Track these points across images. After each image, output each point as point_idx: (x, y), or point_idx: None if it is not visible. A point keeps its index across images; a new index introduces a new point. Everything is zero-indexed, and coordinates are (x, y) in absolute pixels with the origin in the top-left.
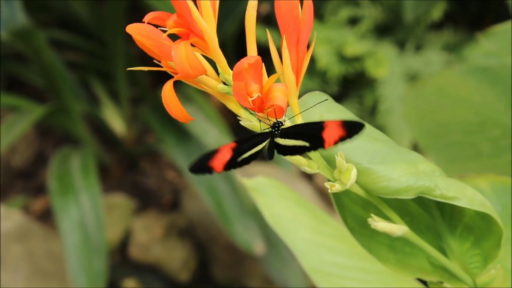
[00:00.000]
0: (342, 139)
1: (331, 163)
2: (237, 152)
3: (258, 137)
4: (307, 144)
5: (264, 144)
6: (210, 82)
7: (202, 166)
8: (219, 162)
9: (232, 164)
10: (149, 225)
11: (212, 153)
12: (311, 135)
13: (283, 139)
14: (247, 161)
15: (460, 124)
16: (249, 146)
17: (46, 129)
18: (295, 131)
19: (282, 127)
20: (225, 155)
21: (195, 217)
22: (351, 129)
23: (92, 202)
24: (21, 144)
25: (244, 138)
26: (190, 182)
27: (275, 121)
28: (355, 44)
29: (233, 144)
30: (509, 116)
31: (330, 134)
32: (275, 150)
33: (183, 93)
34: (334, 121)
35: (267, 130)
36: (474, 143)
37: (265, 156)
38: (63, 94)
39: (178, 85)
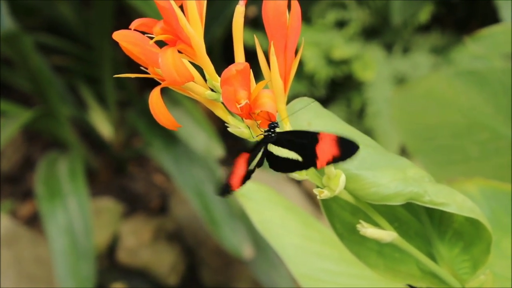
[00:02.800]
0: (335, 159)
1: (319, 169)
2: (249, 162)
3: (262, 144)
4: (299, 159)
5: (260, 154)
6: (198, 89)
7: (226, 187)
8: (237, 178)
9: (247, 177)
10: (137, 229)
11: (231, 171)
12: (305, 147)
13: (277, 147)
14: (254, 170)
15: (448, 127)
16: (255, 154)
17: (33, 134)
18: (290, 138)
19: (277, 130)
20: (241, 169)
21: (183, 221)
22: (346, 150)
23: (79, 206)
24: (9, 149)
25: (253, 147)
26: (178, 186)
27: (271, 122)
28: (342, 47)
29: (246, 155)
30: (497, 119)
31: (324, 149)
32: (267, 162)
33: (170, 97)
34: (329, 135)
35: (264, 134)
36: (462, 147)
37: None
38: (50, 98)
39: (165, 89)
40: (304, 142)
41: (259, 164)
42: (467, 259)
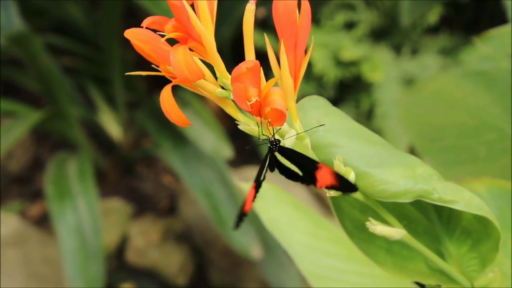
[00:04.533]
0: (333, 187)
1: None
2: (258, 187)
3: (264, 163)
4: (300, 174)
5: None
6: (208, 87)
7: (241, 218)
8: (249, 203)
9: (257, 190)
10: (146, 230)
11: (244, 203)
12: (305, 169)
13: (280, 156)
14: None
15: (456, 127)
16: (263, 167)
17: (42, 134)
18: (291, 155)
19: (280, 144)
20: (251, 195)
21: (192, 222)
22: (344, 185)
23: (89, 207)
24: (18, 149)
25: (258, 173)
26: (186, 187)
27: (272, 139)
28: (351, 48)
29: (254, 184)
30: (505, 120)
31: (323, 176)
32: (276, 167)
33: (179, 98)
34: (328, 168)
35: (264, 138)
36: (470, 147)
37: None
38: (59, 99)
39: (174, 89)
40: (305, 164)
41: (271, 169)
42: (475, 256)
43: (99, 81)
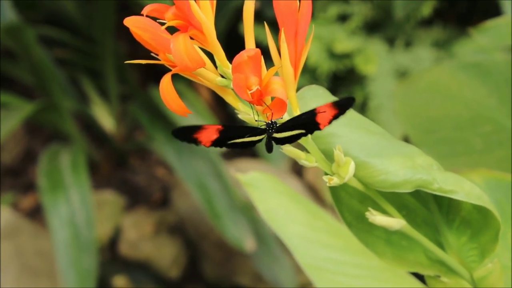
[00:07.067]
0: (335, 116)
1: (329, 156)
2: (223, 135)
3: (249, 130)
4: (303, 131)
5: (258, 138)
6: (209, 75)
7: (187, 135)
8: (205, 138)
9: (220, 143)
10: (139, 222)
11: (197, 128)
12: (306, 124)
13: (279, 133)
14: (236, 145)
15: (451, 119)
16: (238, 135)
17: (35, 126)
18: (291, 125)
19: (278, 124)
20: (211, 134)
21: (185, 214)
22: (343, 105)
23: (82, 199)
24: (10, 141)
25: (233, 126)
26: (180, 179)
27: (270, 122)
28: (344, 40)
29: (220, 127)
30: (501, 112)
31: (323, 116)
32: (273, 142)
33: None
34: (325, 105)
35: (262, 127)
36: (466, 139)
37: (265, 149)
38: (52, 91)
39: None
40: (305, 121)
41: (269, 151)
42: (475, 247)
43: (92, 73)
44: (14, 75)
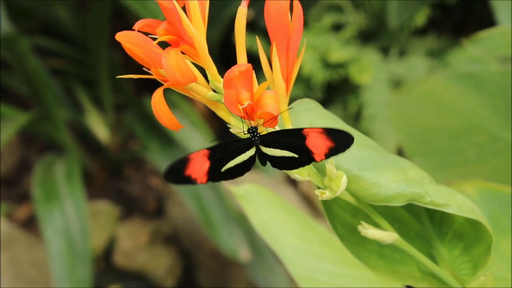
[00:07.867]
0: (332, 151)
1: (321, 170)
2: (214, 159)
3: (235, 143)
4: (295, 155)
5: (249, 153)
6: (200, 90)
7: (179, 175)
8: (198, 172)
9: (216, 174)
10: (134, 232)
11: (185, 162)
12: (294, 145)
13: (266, 148)
14: (232, 172)
15: (446, 129)
16: (228, 155)
17: (29, 136)
18: (275, 139)
19: (261, 134)
20: (202, 164)
21: (179, 224)
22: (339, 140)
23: (76, 209)
24: (5, 152)
25: (218, 145)
26: (174, 189)
27: (251, 127)
28: (339, 50)
29: (207, 151)
30: (494, 122)
31: (316, 144)
32: (267, 161)
33: (167, 100)
34: (314, 129)
35: (246, 137)
36: (460, 149)
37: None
38: (47, 101)
39: (163, 91)
40: (291, 140)
41: (263, 163)
42: (468, 260)
43: (87, 83)
44: (9, 85)
